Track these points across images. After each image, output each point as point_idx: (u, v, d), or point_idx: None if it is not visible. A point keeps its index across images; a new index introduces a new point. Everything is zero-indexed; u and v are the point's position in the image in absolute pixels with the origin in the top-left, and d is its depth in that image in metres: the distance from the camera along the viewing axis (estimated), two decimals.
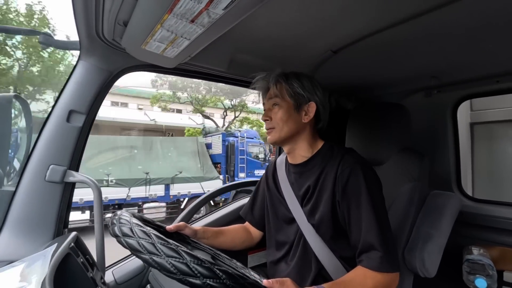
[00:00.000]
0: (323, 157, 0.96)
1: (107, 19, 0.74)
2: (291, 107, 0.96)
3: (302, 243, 0.95)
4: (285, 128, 0.95)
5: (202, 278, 0.52)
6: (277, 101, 0.97)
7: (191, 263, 0.53)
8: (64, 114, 0.89)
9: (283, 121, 0.95)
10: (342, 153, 0.93)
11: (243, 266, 0.87)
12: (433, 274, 1.04)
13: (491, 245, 1.38)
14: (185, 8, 0.59)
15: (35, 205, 0.85)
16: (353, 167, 0.88)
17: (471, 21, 0.83)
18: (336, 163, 0.91)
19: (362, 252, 0.82)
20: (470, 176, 2.09)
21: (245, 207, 1.23)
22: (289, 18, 0.86)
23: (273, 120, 0.97)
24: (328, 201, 0.89)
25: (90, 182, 0.89)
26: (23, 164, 0.87)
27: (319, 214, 0.90)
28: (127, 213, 0.69)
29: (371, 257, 0.80)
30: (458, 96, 1.48)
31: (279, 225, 1.04)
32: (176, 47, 0.77)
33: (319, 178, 0.93)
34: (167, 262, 0.53)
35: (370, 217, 0.82)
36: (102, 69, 0.94)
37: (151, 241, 0.57)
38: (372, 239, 0.80)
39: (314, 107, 0.97)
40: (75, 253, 0.72)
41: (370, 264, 0.79)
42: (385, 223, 0.84)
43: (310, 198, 0.94)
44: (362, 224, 0.83)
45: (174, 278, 0.53)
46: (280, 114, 0.96)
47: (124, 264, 1.12)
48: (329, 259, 0.90)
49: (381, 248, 0.79)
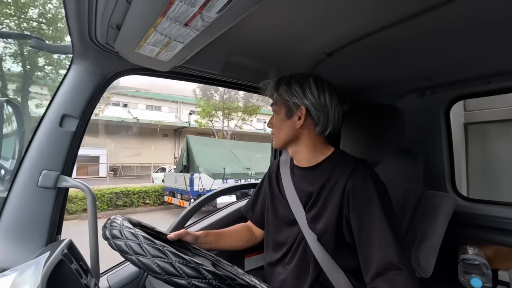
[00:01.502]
0: (332, 164, 0.93)
1: (100, 22, 0.73)
2: (283, 113, 0.97)
3: (302, 246, 0.93)
4: (281, 134, 0.98)
5: (187, 278, 0.51)
6: (275, 108, 1.01)
7: (176, 263, 0.52)
8: (56, 119, 0.88)
9: (278, 127, 0.99)
10: (353, 163, 0.90)
11: (245, 273, 0.86)
12: (428, 274, 1.04)
13: (485, 244, 1.39)
14: (178, 12, 0.59)
15: (27, 211, 0.83)
16: (366, 180, 0.84)
17: (463, 22, 0.84)
18: (346, 174, 0.87)
19: (381, 274, 0.74)
20: (465, 176, 2.11)
21: (247, 204, 1.22)
22: (283, 20, 0.86)
23: (273, 126, 1.02)
24: (334, 211, 0.86)
25: (84, 187, 0.88)
26: (15, 170, 0.86)
27: (323, 223, 0.88)
28: (119, 218, 0.68)
29: (395, 279, 0.72)
30: (450, 96, 1.50)
31: (279, 225, 1.02)
32: (170, 50, 0.77)
33: (324, 186, 0.91)
34: (152, 262, 0.53)
35: (386, 233, 0.77)
36: (96, 73, 0.93)
37: (137, 241, 0.56)
38: (393, 258, 0.74)
39: (304, 110, 0.94)
40: (69, 260, 0.70)
41: (397, 286, 0.71)
42: (401, 240, 0.79)
43: (314, 205, 0.92)
44: (375, 241, 0.77)
45: (159, 278, 0.52)
46: (276, 121, 1.00)
47: (119, 270, 1.10)
48: (329, 264, 0.89)
49: (404, 267, 0.72)
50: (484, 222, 1.39)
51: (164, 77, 1.12)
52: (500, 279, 1.33)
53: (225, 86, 1.35)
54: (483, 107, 2.16)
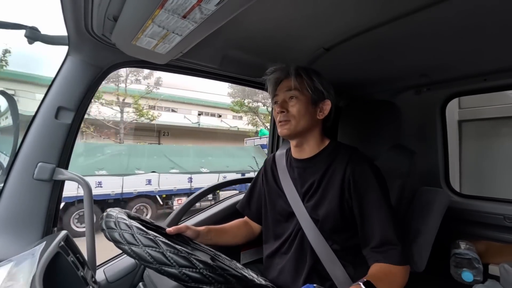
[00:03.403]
0: (330, 154, 0.98)
1: (96, 13, 0.72)
2: (309, 101, 0.97)
3: (299, 236, 0.95)
4: (301, 121, 0.96)
5: (178, 267, 0.52)
6: (296, 93, 0.96)
7: (167, 252, 0.53)
8: (52, 111, 0.87)
9: (301, 114, 0.95)
10: (350, 151, 0.96)
11: (243, 267, 0.87)
12: (422, 268, 1.06)
13: (477, 239, 1.42)
14: (176, 4, 0.58)
15: (23, 204, 0.83)
16: (363, 165, 0.90)
17: (460, 20, 0.84)
18: (344, 161, 0.92)
19: (378, 247, 0.83)
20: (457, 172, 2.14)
21: (242, 201, 1.23)
22: (281, 14, 0.86)
23: (289, 113, 0.96)
24: (335, 196, 0.90)
25: (80, 179, 0.88)
26: (10, 162, 0.85)
27: (324, 209, 0.91)
28: (115, 210, 0.69)
29: (391, 252, 0.81)
30: (447, 94, 1.51)
31: (277, 219, 1.04)
32: (168, 43, 0.76)
33: (325, 175, 0.94)
34: (144, 252, 0.53)
35: (384, 212, 0.84)
36: (92, 64, 0.92)
37: (130, 232, 0.57)
38: (389, 234, 0.82)
39: (329, 105, 0.99)
40: (65, 252, 0.71)
41: (391, 259, 0.81)
42: (396, 219, 0.86)
43: (314, 193, 0.95)
44: (374, 219, 0.85)
45: (151, 267, 0.53)
46: (298, 107, 0.95)
47: (116, 263, 1.11)
48: (326, 253, 0.91)
49: (399, 243, 0.82)
50: (477, 217, 1.42)
51: (161, 70, 1.12)
52: (491, 273, 1.36)
53: (222, 80, 1.35)
54: (477, 105, 2.18)
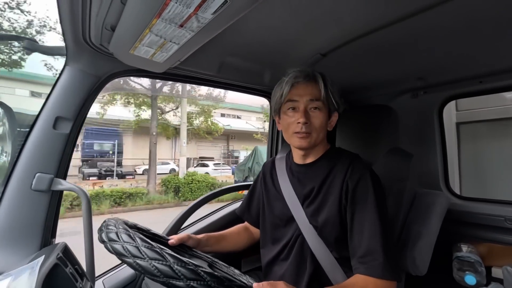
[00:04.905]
0: (330, 160, 0.97)
1: (94, 23, 0.73)
2: (327, 114, 0.96)
3: (299, 242, 0.94)
4: (321, 134, 0.95)
5: (186, 280, 0.51)
6: (320, 105, 0.93)
7: (174, 265, 0.52)
8: (50, 121, 0.87)
9: (322, 127, 0.93)
10: (350, 158, 0.94)
11: (241, 273, 0.86)
12: (424, 272, 1.05)
13: (479, 241, 1.41)
14: (173, 13, 0.59)
15: (21, 215, 0.82)
16: (363, 173, 0.88)
17: (455, 23, 0.85)
18: (345, 167, 0.91)
19: (362, 258, 0.81)
20: (457, 174, 2.14)
21: (242, 206, 1.22)
22: (278, 21, 0.87)
23: (311, 125, 0.92)
24: (334, 203, 0.89)
25: (79, 190, 0.87)
26: (8, 173, 0.84)
27: (324, 216, 0.90)
28: (114, 220, 0.68)
29: (372, 264, 0.78)
30: (443, 96, 1.52)
31: (276, 223, 1.03)
32: (165, 51, 0.77)
33: (325, 180, 0.94)
34: (150, 265, 0.52)
35: (375, 223, 0.81)
36: (90, 74, 0.92)
37: (135, 244, 0.56)
38: (375, 245, 0.79)
39: (337, 117, 0.99)
40: (64, 263, 0.70)
41: (371, 271, 0.78)
42: (388, 231, 0.83)
43: (314, 199, 0.94)
44: (365, 230, 0.82)
45: (157, 281, 0.52)
46: (321, 120, 0.93)
47: (115, 273, 1.09)
48: (327, 259, 0.90)
49: (383, 254, 0.78)
50: (477, 220, 1.41)
51: (159, 78, 1.12)
52: (494, 276, 1.35)
53: (220, 87, 1.35)
54: (474, 107, 2.19)
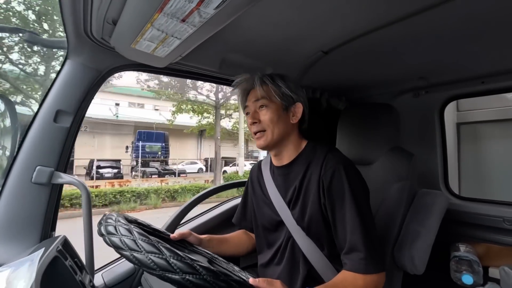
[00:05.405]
0: (306, 157, 0.95)
1: (95, 17, 0.73)
2: (279, 108, 0.95)
3: (290, 245, 0.93)
4: (276, 130, 0.93)
5: (182, 274, 0.51)
6: (265, 102, 0.94)
7: (170, 259, 0.52)
8: (51, 114, 0.87)
9: (274, 122, 0.93)
10: (324, 152, 0.92)
11: (241, 270, 0.87)
12: (421, 271, 1.06)
13: (477, 242, 1.42)
14: (175, 7, 0.59)
15: (21, 208, 0.82)
16: (336, 168, 0.86)
17: (458, 23, 0.85)
18: (319, 163, 0.90)
19: (347, 254, 0.82)
20: (456, 174, 2.14)
21: (237, 215, 1.20)
22: (280, 18, 0.86)
23: (262, 123, 0.94)
24: (315, 202, 0.88)
25: (79, 183, 0.88)
26: (8, 166, 0.85)
27: (308, 216, 0.89)
28: (114, 214, 0.68)
29: (354, 260, 0.79)
30: (445, 96, 1.52)
31: (267, 227, 1.02)
32: (167, 46, 0.77)
33: (303, 179, 0.92)
34: (147, 258, 0.53)
35: (354, 218, 0.81)
36: (91, 68, 0.92)
37: (132, 237, 0.56)
38: (356, 240, 0.79)
39: (301, 107, 0.97)
40: (63, 256, 0.70)
41: (355, 267, 0.79)
42: (368, 223, 0.83)
43: (297, 200, 0.93)
44: (346, 225, 0.82)
45: (154, 274, 0.52)
46: (270, 116, 0.93)
47: (114, 267, 1.10)
48: (319, 260, 0.90)
49: (364, 249, 0.78)
50: (476, 220, 1.41)
51: (160, 73, 1.12)
52: (491, 276, 1.36)
53: (221, 83, 1.35)
54: (475, 107, 2.19)
